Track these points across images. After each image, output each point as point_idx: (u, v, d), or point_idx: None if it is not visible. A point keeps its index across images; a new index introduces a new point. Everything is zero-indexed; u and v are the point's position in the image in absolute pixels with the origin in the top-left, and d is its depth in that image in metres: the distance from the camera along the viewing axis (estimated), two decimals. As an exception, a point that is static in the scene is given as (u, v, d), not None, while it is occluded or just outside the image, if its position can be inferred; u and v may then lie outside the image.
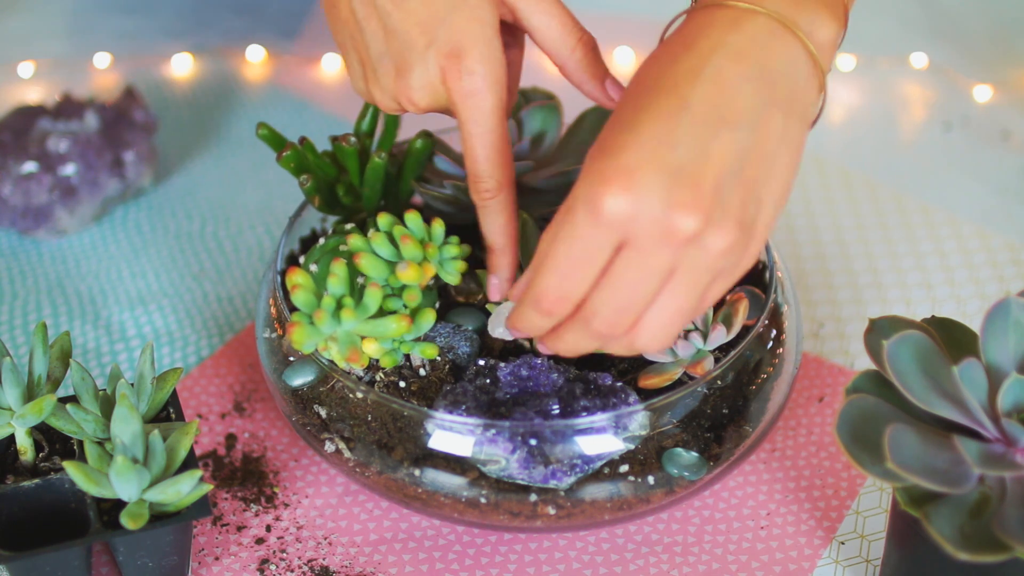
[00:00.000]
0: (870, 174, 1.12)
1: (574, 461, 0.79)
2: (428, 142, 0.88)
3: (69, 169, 1.04)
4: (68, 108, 1.08)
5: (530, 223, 0.86)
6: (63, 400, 0.83)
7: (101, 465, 0.78)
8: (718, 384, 0.82)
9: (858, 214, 1.08)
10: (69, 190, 1.05)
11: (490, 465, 0.79)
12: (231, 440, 0.92)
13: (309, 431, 0.84)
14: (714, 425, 0.82)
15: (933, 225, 1.07)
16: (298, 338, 0.77)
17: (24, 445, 0.82)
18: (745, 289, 0.86)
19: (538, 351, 0.82)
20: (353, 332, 0.78)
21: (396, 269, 0.78)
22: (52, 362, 0.84)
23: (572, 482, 0.80)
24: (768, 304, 0.84)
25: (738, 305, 0.83)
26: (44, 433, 0.84)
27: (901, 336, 0.75)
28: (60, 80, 1.20)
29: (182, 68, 1.22)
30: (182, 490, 0.78)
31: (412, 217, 0.80)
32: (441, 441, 0.80)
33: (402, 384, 0.82)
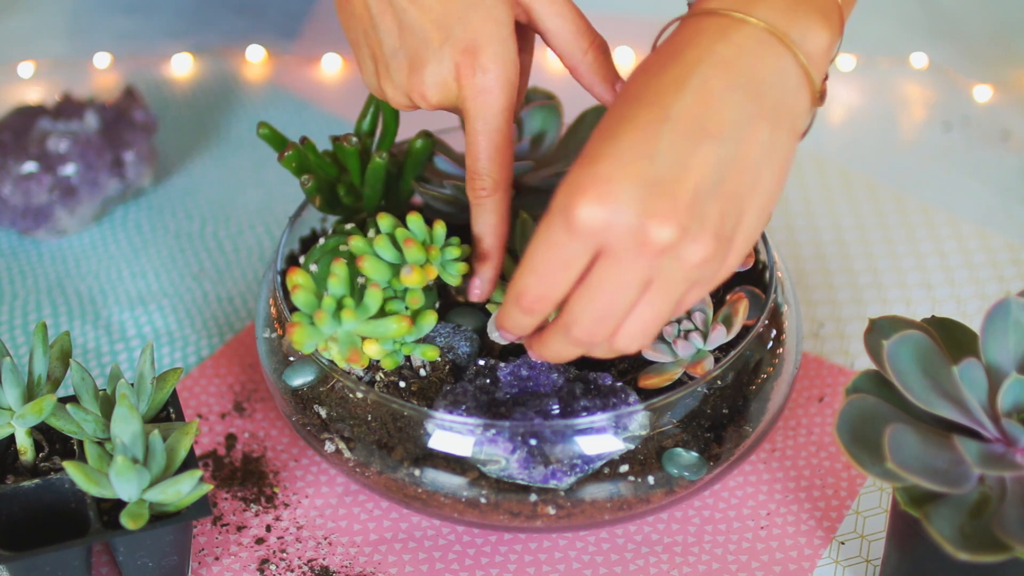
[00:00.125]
0: (870, 174, 1.12)
1: (574, 461, 0.79)
2: (428, 142, 0.88)
3: (69, 169, 1.04)
4: (68, 108, 1.08)
5: (530, 223, 0.86)
6: (63, 400, 0.83)
7: (101, 465, 0.78)
8: (718, 384, 0.82)
9: (858, 214, 1.08)
10: (69, 190, 1.05)
11: (490, 465, 0.79)
12: (231, 440, 0.92)
13: (309, 431, 0.84)
14: (714, 425, 0.82)
15: (933, 225, 1.07)
16: (298, 338, 0.77)
17: (24, 445, 0.82)
18: (745, 289, 0.86)
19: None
20: (353, 333, 0.78)
21: (400, 273, 0.78)
22: (52, 362, 0.84)
23: (572, 482, 0.80)
24: (768, 304, 0.84)
25: (738, 305, 0.83)
26: (44, 433, 0.84)
27: (901, 336, 0.75)
28: (60, 80, 1.20)
29: (182, 68, 1.22)
30: (182, 490, 0.78)
31: (414, 219, 0.80)
32: (441, 441, 0.80)
33: (402, 384, 0.82)
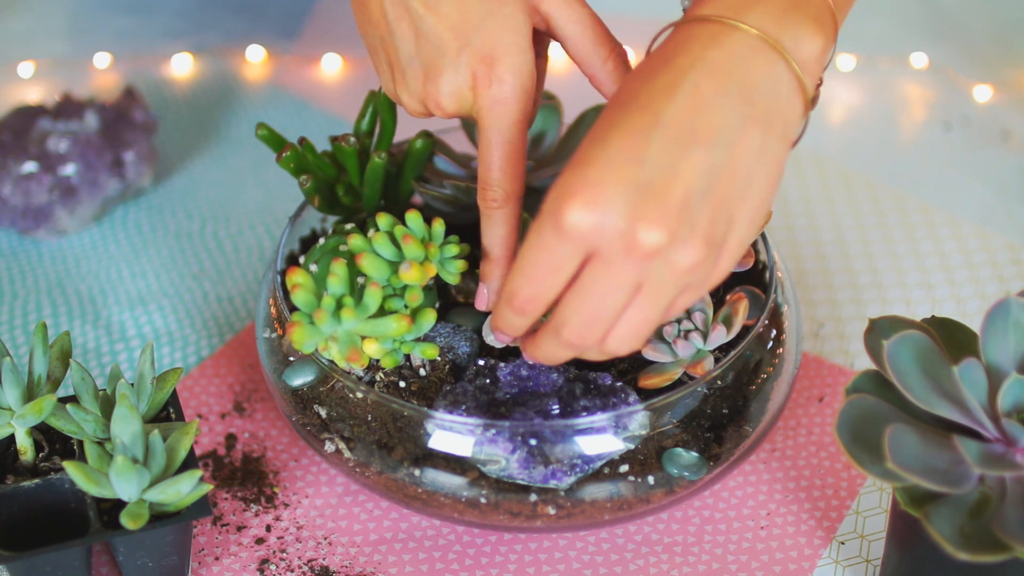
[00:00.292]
0: (870, 174, 1.12)
1: (574, 461, 0.79)
2: (428, 142, 0.88)
3: (69, 169, 1.04)
4: (68, 108, 1.08)
5: (530, 223, 0.86)
6: (63, 400, 0.83)
7: (101, 465, 0.78)
8: (718, 384, 0.82)
9: (858, 214, 1.08)
10: (69, 190, 1.05)
11: (490, 465, 0.79)
12: (231, 440, 0.92)
13: (309, 431, 0.84)
14: (714, 425, 0.82)
15: (933, 225, 1.07)
16: (298, 338, 0.77)
17: (24, 445, 0.82)
18: (745, 289, 0.86)
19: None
20: (353, 332, 0.78)
21: (399, 269, 0.78)
22: (52, 362, 0.84)
23: (572, 482, 0.80)
24: (768, 304, 0.84)
25: (738, 305, 0.83)
26: (44, 433, 0.84)
27: (901, 336, 0.75)
28: (60, 80, 1.20)
29: (182, 68, 1.22)
30: (182, 490, 0.78)
31: (413, 217, 0.80)
32: (441, 441, 0.80)
33: (402, 384, 0.82)
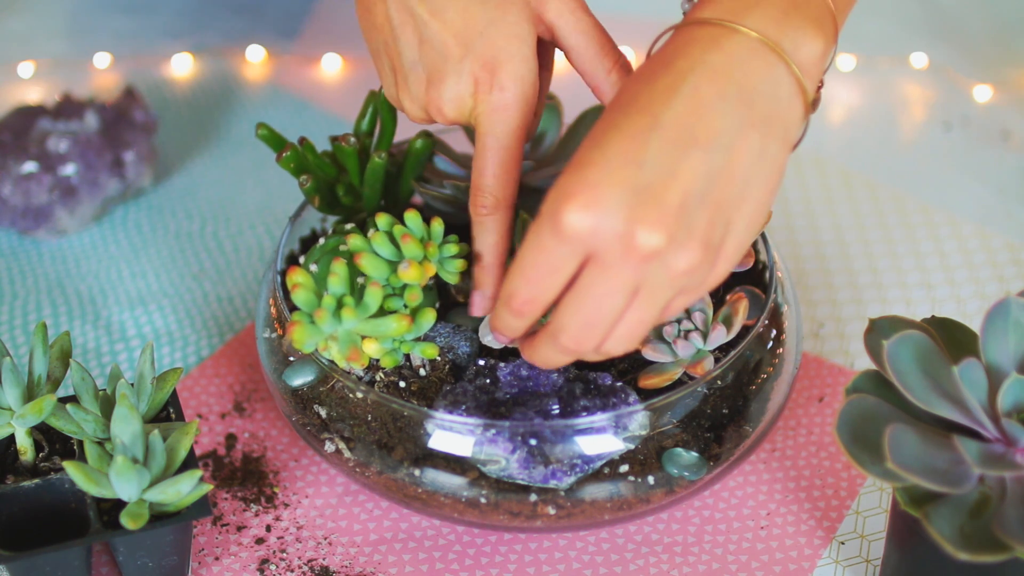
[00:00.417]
0: (870, 174, 1.12)
1: (574, 461, 0.79)
2: (428, 142, 0.88)
3: (69, 169, 1.04)
4: (68, 108, 1.08)
5: (529, 223, 0.86)
6: (63, 400, 0.83)
7: (101, 465, 0.78)
8: (718, 384, 0.82)
9: (858, 214, 1.08)
10: (69, 190, 1.05)
11: (490, 465, 0.79)
12: (231, 440, 0.92)
13: (309, 431, 0.84)
14: (714, 425, 0.82)
15: (933, 225, 1.07)
16: (298, 338, 0.77)
17: (24, 445, 0.82)
18: (745, 289, 0.86)
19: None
20: (353, 331, 0.78)
21: (398, 269, 0.78)
22: (52, 362, 0.84)
23: (572, 482, 0.80)
24: (768, 304, 0.84)
25: (738, 305, 0.83)
26: (44, 433, 0.84)
27: (901, 336, 0.75)
28: (60, 80, 1.20)
29: (182, 68, 1.22)
30: (182, 490, 0.78)
31: (412, 216, 0.80)
32: (441, 441, 0.80)
33: (402, 384, 0.82)
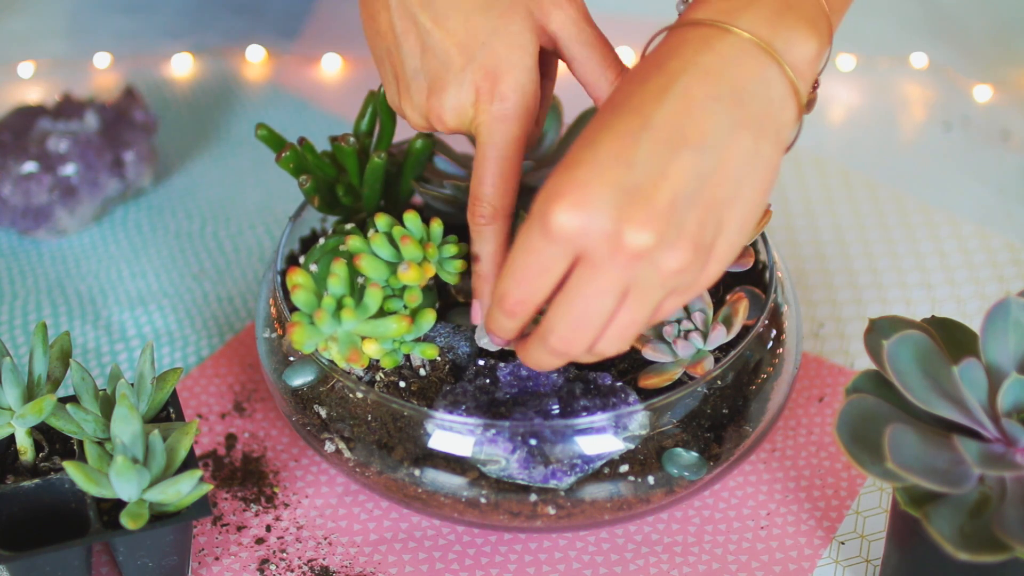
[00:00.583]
0: (870, 174, 1.12)
1: (574, 461, 0.79)
2: (428, 142, 0.88)
3: (69, 169, 1.04)
4: (68, 108, 1.08)
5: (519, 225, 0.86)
6: (63, 400, 0.83)
7: (101, 465, 0.78)
8: (718, 384, 0.82)
9: (858, 214, 1.08)
10: (69, 190, 1.05)
11: (490, 465, 0.79)
12: (231, 440, 0.92)
13: (309, 431, 0.84)
14: (714, 425, 0.82)
15: (933, 225, 1.07)
16: (298, 338, 0.77)
17: (24, 445, 0.82)
18: (745, 289, 0.86)
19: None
20: (353, 332, 0.78)
21: (397, 270, 0.78)
22: (52, 362, 0.84)
23: (572, 482, 0.80)
24: (768, 304, 0.84)
25: (738, 305, 0.83)
26: (44, 433, 0.84)
27: (901, 336, 0.75)
28: (60, 80, 1.20)
29: (182, 68, 1.22)
30: (182, 490, 0.78)
31: (411, 217, 0.80)
32: (441, 441, 0.80)
33: (402, 384, 0.82)
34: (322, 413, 0.83)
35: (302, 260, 0.88)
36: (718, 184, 0.69)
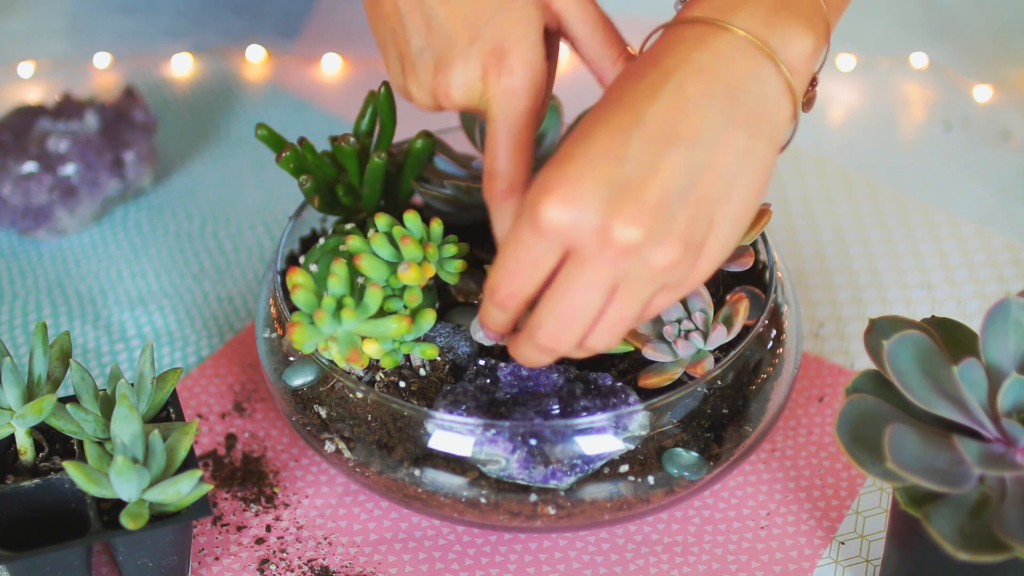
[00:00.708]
0: (870, 174, 1.12)
1: (574, 461, 0.79)
2: (428, 142, 0.88)
3: (69, 169, 1.04)
4: (68, 108, 1.08)
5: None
6: (63, 400, 0.83)
7: (101, 465, 0.78)
8: (718, 384, 0.82)
9: (858, 214, 1.08)
10: (69, 190, 1.05)
11: (490, 465, 0.79)
12: (231, 440, 0.92)
13: (309, 431, 0.84)
14: (714, 425, 0.82)
15: (933, 225, 1.07)
16: (298, 338, 0.77)
17: (24, 445, 0.82)
18: (745, 289, 0.86)
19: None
20: (353, 332, 0.78)
21: (397, 270, 0.78)
22: (52, 362, 0.84)
23: (572, 482, 0.80)
24: (768, 304, 0.84)
25: (738, 305, 0.83)
26: (44, 433, 0.84)
27: (901, 336, 0.75)
28: (60, 80, 1.20)
29: (182, 68, 1.22)
30: (182, 490, 0.78)
31: (411, 217, 0.81)
32: (441, 441, 0.80)
33: (402, 384, 0.82)
34: (322, 413, 0.83)
35: (302, 260, 0.88)
36: (710, 181, 0.69)
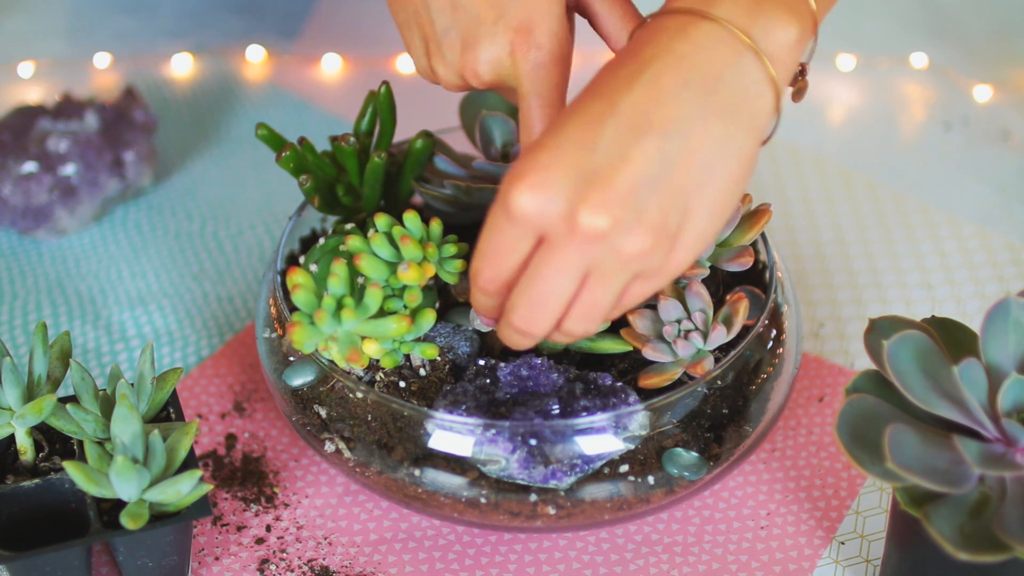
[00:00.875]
0: (870, 174, 1.12)
1: (574, 461, 0.79)
2: (428, 142, 0.88)
3: (69, 169, 1.04)
4: (68, 108, 1.08)
5: None
6: (63, 400, 0.83)
7: (101, 465, 0.78)
8: (718, 384, 0.82)
9: (858, 214, 1.08)
10: (69, 190, 1.05)
11: (490, 465, 0.79)
12: (231, 440, 0.92)
13: (309, 431, 0.84)
14: (714, 425, 0.82)
15: (933, 225, 1.07)
16: (298, 338, 0.77)
17: (24, 445, 0.82)
18: (745, 289, 0.86)
19: (539, 351, 0.83)
20: (353, 332, 0.78)
21: (397, 270, 0.78)
22: (52, 362, 0.84)
23: (572, 482, 0.80)
24: (768, 304, 0.84)
25: (738, 305, 0.83)
26: (44, 433, 0.84)
27: (901, 336, 0.75)
28: (60, 80, 1.20)
29: (182, 68, 1.22)
30: (182, 490, 0.78)
31: (410, 217, 0.81)
32: (441, 441, 0.80)
33: (402, 384, 0.82)
34: (322, 413, 0.83)
35: (302, 260, 0.89)
36: (684, 170, 0.69)
